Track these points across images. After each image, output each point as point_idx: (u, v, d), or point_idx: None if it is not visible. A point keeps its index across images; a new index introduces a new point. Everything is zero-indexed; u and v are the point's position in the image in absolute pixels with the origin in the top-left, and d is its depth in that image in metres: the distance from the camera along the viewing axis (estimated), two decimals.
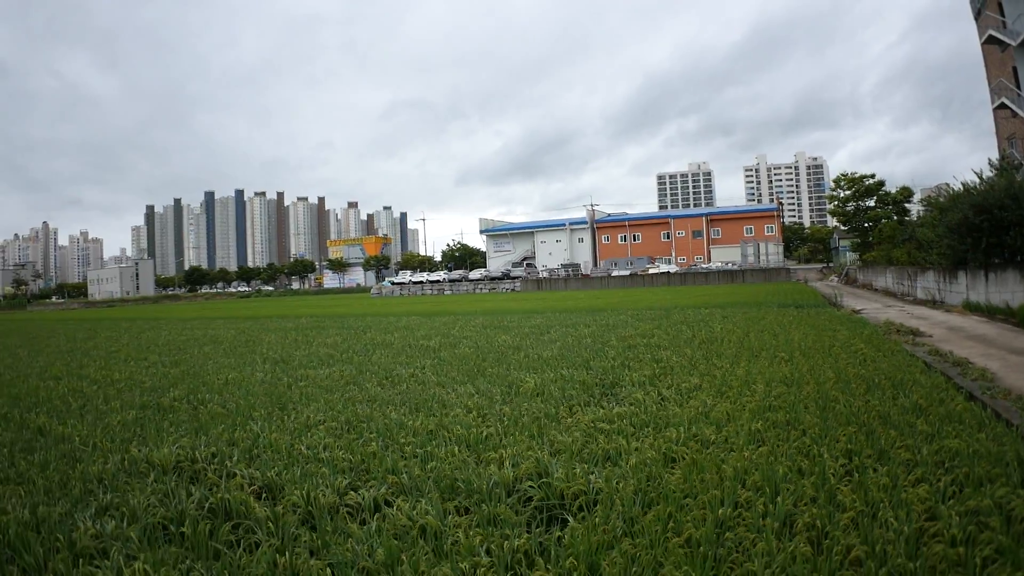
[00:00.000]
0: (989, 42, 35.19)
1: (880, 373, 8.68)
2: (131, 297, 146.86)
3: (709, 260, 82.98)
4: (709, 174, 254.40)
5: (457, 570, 3.43)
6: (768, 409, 6.71)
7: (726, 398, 7.43)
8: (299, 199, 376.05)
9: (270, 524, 4.42)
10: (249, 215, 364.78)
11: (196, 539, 4.22)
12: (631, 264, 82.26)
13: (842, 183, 47.49)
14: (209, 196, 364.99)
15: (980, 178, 27.12)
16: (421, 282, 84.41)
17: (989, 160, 30.39)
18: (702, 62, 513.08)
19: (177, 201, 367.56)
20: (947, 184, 29.30)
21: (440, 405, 8.07)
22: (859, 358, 10.18)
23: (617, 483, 4.55)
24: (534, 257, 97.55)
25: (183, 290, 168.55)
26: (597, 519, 3.93)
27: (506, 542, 3.69)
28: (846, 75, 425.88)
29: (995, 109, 35.97)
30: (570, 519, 4.10)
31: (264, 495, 5.12)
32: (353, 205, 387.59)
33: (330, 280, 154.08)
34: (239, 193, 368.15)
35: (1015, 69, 34.02)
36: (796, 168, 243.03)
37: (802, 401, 7.02)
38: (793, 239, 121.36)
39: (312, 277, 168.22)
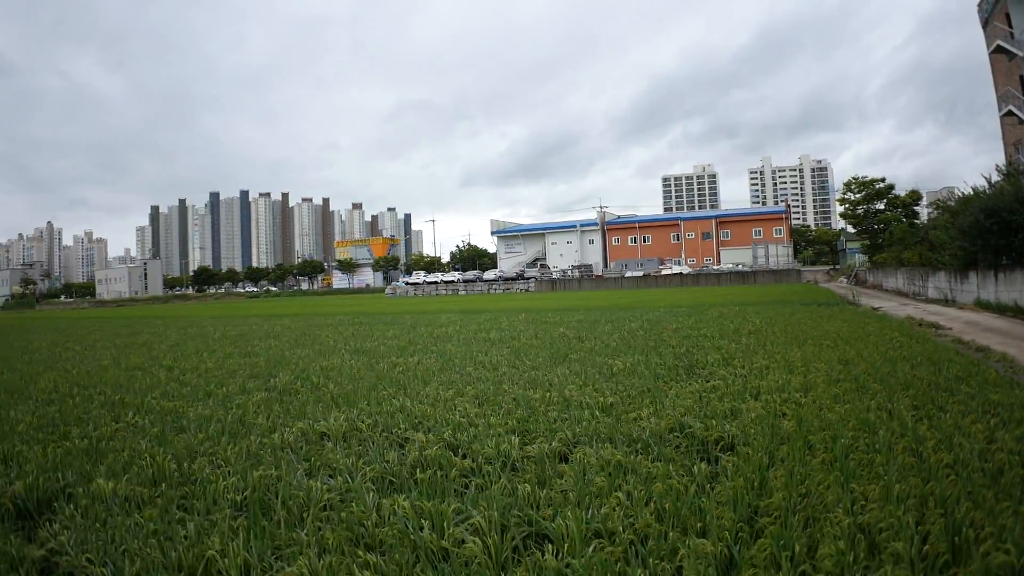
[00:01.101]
0: (997, 52, 36.66)
1: (919, 354, 10.20)
2: (140, 297, 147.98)
3: (718, 262, 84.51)
4: (714, 176, 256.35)
5: (669, 487, 4.55)
6: (836, 381, 8.21)
7: (796, 374, 8.91)
8: (304, 200, 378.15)
9: (487, 467, 5.32)
10: (254, 216, 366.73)
11: (433, 481, 4.98)
12: (642, 265, 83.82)
13: (853, 186, 49.04)
14: (214, 197, 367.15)
15: (989, 183, 28.60)
16: (436, 282, 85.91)
17: (997, 166, 31.81)
18: (708, 64, 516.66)
19: (182, 202, 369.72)
20: (954, 188, 30.81)
21: (549, 383, 9.22)
22: (896, 344, 11.68)
23: (748, 430, 6.03)
24: (545, 258, 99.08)
25: (191, 290, 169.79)
26: (748, 452, 5.37)
27: (693, 467, 5.07)
28: (851, 78, 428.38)
29: (1002, 116, 37.45)
30: (720, 456, 5.46)
31: (452, 452, 5.81)
32: (358, 206, 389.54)
33: (339, 281, 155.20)
34: (244, 194, 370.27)
35: (1022, 78, 35.52)
36: (800, 170, 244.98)
37: (863, 374, 8.53)
38: (799, 241, 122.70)
39: (320, 278, 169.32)
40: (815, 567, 3.32)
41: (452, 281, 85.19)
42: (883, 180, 47.76)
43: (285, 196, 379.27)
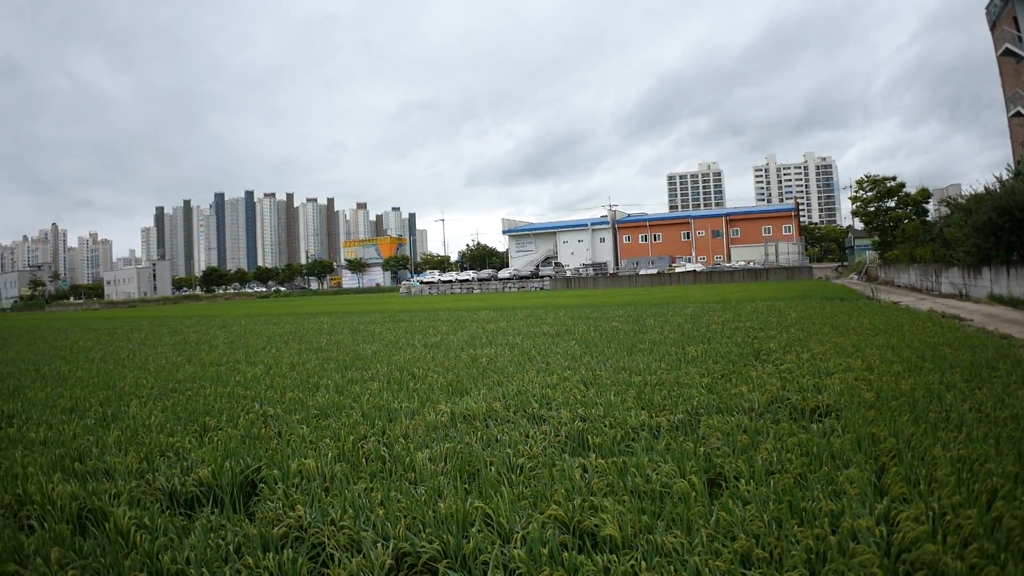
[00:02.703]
0: (1005, 54, 38.04)
1: (954, 340, 11.61)
2: (150, 298, 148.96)
3: (729, 259, 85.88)
4: (719, 174, 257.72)
5: (803, 440, 6.07)
6: (892, 362, 9.61)
7: (855, 358, 10.30)
8: (308, 200, 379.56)
9: (643, 432, 6.38)
10: (259, 216, 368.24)
11: (605, 446, 5.86)
12: (654, 263, 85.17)
13: (864, 185, 50.41)
14: (219, 197, 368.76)
15: (1001, 182, 29.97)
16: (450, 281, 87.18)
17: (1008, 165, 33.20)
18: (714, 63, 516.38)
19: (187, 202, 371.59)
20: (959, 185, 32.12)
21: (636, 369, 10.35)
22: (931, 332, 13.08)
23: (838, 400, 7.43)
24: (556, 256, 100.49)
25: (200, 291, 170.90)
26: (848, 415, 6.76)
27: (810, 427, 6.53)
28: (857, 76, 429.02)
29: (1010, 117, 38.87)
30: (822, 420, 6.81)
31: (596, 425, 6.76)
32: (362, 206, 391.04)
33: (348, 280, 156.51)
34: (249, 194, 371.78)
35: None
36: (805, 168, 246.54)
37: (913, 357, 9.92)
38: (809, 238, 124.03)
39: (328, 278, 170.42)
40: (939, 483, 4.70)
41: (467, 280, 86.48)
42: (894, 178, 49.19)
43: (290, 196, 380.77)
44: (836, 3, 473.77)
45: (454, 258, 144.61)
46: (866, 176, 50.01)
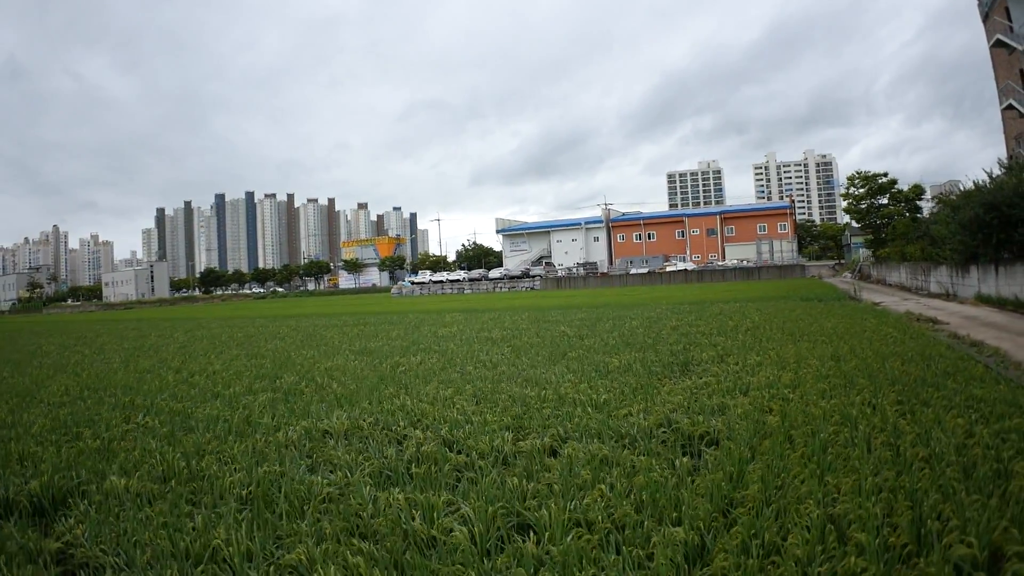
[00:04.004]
0: (997, 45, 36.67)
1: (911, 350, 10.36)
2: (148, 299, 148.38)
3: (723, 258, 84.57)
4: (719, 172, 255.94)
5: (650, 479, 4.78)
6: (825, 377, 8.39)
7: (788, 370, 9.10)
8: (309, 200, 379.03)
9: (480, 462, 5.53)
10: (260, 217, 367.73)
11: (428, 475, 5.28)
12: (646, 262, 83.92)
13: (856, 181, 49.09)
14: (219, 198, 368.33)
15: (990, 177, 28.65)
16: (441, 281, 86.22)
17: (999, 160, 31.90)
18: (719, 61, 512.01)
19: (187, 203, 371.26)
20: (958, 181, 30.82)
21: (546, 381, 9.47)
22: (890, 340, 11.84)
23: (733, 425, 6.23)
24: (550, 256, 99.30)
25: (198, 292, 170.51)
26: (730, 447, 5.57)
27: (676, 461, 5.30)
28: (861, 73, 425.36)
29: (1003, 110, 37.48)
30: (704, 450, 5.71)
31: (447, 448, 6.06)
32: (363, 206, 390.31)
33: (345, 280, 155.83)
34: (249, 195, 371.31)
35: (1022, 71, 35.54)
36: (805, 165, 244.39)
37: (853, 371, 8.70)
38: (804, 236, 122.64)
39: (326, 278, 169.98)
40: (783, 555, 3.51)
41: (458, 280, 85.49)
42: (885, 175, 47.81)
43: (290, 197, 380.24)
44: (841, 0, 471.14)
45: (452, 258, 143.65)
46: (857, 173, 48.73)
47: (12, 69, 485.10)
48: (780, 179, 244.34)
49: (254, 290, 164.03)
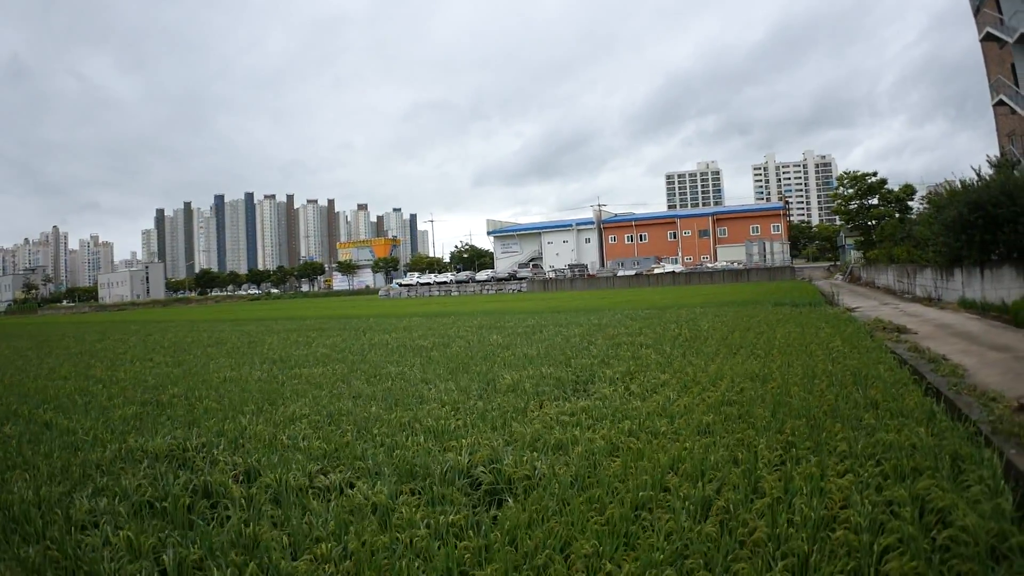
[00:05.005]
0: (987, 39, 35.21)
1: (848, 369, 8.92)
2: (141, 301, 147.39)
3: (715, 259, 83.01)
4: (717, 173, 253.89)
5: (395, 539, 3.80)
6: (726, 403, 7.01)
7: (690, 393, 7.73)
8: (309, 201, 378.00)
9: (243, 502, 4.90)
10: (259, 218, 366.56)
11: (175, 513, 4.76)
12: (637, 264, 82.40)
13: (845, 181, 47.59)
14: (219, 199, 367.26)
15: (978, 175, 27.22)
16: (428, 283, 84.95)
17: (987, 157, 30.49)
18: (723, 62, 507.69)
19: (187, 204, 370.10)
20: (953, 181, 29.27)
21: (418, 400, 8.48)
22: (833, 355, 10.43)
23: (559, 469, 4.88)
24: (541, 258, 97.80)
25: (194, 293, 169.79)
26: (532, 500, 4.25)
27: (442, 517, 4.03)
28: (864, 74, 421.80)
29: (994, 106, 36.00)
30: (509, 500, 4.44)
31: (243, 479, 5.59)
32: (363, 207, 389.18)
33: (339, 282, 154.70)
34: (249, 196, 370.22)
35: (1013, 66, 34.06)
36: (804, 166, 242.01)
37: (761, 396, 7.30)
38: (800, 238, 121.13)
39: (321, 279, 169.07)
40: None
41: (445, 282, 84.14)
42: (875, 174, 46.26)
43: (290, 198, 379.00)
44: (845, 1, 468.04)
45: (447, 260, 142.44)
46: (846, 173, 47.24)
47: (16, 69, 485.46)
48: (780, 180, 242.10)
49: (249, 291, 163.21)
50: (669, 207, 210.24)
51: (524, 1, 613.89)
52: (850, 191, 47.18)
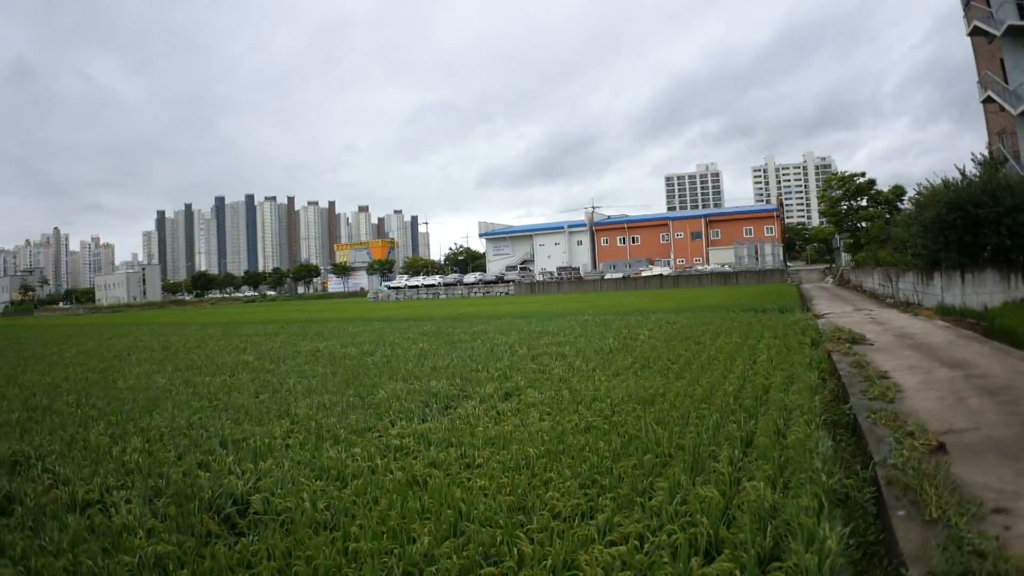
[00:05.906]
0: (975, 33, 34.14)
1: (757, 390, 7.88)
2: (137, 303, 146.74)
3: (707, 262, 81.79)
4: (717, 175, 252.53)
5: None
6: (581, 431, 6.03)
7: (558, 415, 6.77)
8: (310, 203, 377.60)
9: None
10: (260, 220, 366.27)
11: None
12: (628, 266, 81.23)
13: (833, 183, 46.50)
14: (219, 201, 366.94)
15: (963, 174, 26.08)
16: (416, 286, 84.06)
17: (972, 155, 29.34)
18: (728, 63, 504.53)
19: (188, 206, 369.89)
20: (948, 180, 28.11)
21: (278, 415, 8.13)
22: (754, 372, 9.44)
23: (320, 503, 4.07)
24: (532, 260, 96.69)
25: (191, 295, 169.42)
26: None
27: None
28: (869, 76, 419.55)
29: (983, 103, 34.86)
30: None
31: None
32: (364, 209, 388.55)
33: (335, 284, 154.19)
34: (249, 198, 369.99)
35: (1002, 61, 32.94)
36: (804, 168, 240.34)
37: (619, 424, 6.27)
38: (796, 240, 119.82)
39: (318, 281, 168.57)
40: None
41: (433, 285, 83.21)
42: (863, 175, 45.12)
43: (291, 200, 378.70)
44: (851, 3, 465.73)
45: (443, 262, 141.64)
46: (834, 175, 46.14)
47: (20, 69, 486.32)
48: (779, 182, 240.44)
49: (247, 293, 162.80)
50: (669, 209, 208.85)
51: (530, 3, 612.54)
52: (838, 192, 46.06)
